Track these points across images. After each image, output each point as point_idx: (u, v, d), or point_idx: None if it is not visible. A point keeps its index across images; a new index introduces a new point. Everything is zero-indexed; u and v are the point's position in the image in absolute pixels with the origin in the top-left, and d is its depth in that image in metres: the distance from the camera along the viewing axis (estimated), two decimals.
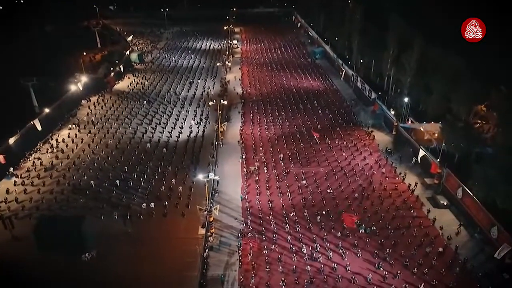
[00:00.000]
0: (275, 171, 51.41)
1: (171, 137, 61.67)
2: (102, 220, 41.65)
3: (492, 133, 55.28)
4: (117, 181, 48.36)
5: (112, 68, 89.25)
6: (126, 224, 41.18)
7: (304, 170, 51.63)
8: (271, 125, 66.13)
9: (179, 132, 63.08)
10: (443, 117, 57.00)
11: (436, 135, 52.97)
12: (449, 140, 48.00)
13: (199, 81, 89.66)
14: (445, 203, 43.42)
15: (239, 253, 36.79)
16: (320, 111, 71.46)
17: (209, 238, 38.27)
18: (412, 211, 42.84)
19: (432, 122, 57.34)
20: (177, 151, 57.09)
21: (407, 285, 32.60)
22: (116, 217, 42.11)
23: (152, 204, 43.78)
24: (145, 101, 76.26)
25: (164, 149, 57.25)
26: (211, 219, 38.86)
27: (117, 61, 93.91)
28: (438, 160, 46.92)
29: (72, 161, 53.76)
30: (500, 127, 47.57)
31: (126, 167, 51.93)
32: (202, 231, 39.86)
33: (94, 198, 45.40)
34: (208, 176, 39.22)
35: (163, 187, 47.55)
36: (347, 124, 66.06)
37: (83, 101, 75.40)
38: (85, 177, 49.69)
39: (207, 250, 36.99)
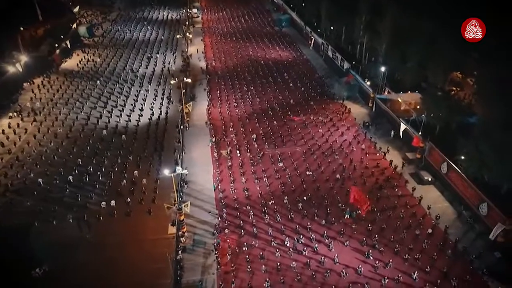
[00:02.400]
0: (248, 154, 47.20)
1: (130, 121, 55.39)
2: (54, 226, 36.22)
3: (468, 100, 53.90)
4: (70, 177, 42.50)
5: (57, 45, 79.09)
6: (82, 228, 35.90)
7: (280, 150, 47.80)
8: (240, 102, 61.22)
9: (139, 115, 56.78)
10: (420, 86, 54.78)
11: (418, 106, 50.37)
12: (429, 110, 45.57)
13: (158, 55, 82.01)
14: (429, 179, 41.43)
15: (216, 253, 32.88)
16: (291, 84, 67.12)
17: (181, 239, 33.94)
18: (396, 189, 40.54)
19: (409, 91, 54.90)
20: (138, 137, 51.21)
21: (400, 275, 30.31)
22: (71, 220, 36.76)
23: (113, 202, 38.66)
24: (98, 81, 68.37)
25: (123, 135, 51.17)
26: (182, 217, 34.40)
27: (62, 36, 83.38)
28: (420, 133, 44.51)
29: (15, 156, 46.77)
30: (479, 95, 45.59)
31: (79, 159, 45.80)
32: (172, 229, 35.46)
33: (43, 199, 39.47)
34: (176, 171, 34.29)
35: (124, 180, 42.23)
36: (321, 97, 62.40)
37: (24, 84, 66.46)
38: (32, 175, 43.24)
39: (180, 252, 32.78)
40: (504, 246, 32.28)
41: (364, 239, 34.00)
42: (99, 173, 43.45)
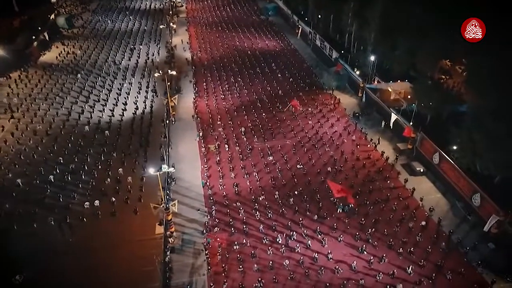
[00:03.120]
0: (237, 148, 45.90)
1: (114, 116, 53.32)
2: (35, 229, 34.44)
3: (458, 88, 53.45)
4: (51, 177, 40.62)
5: (34, 37, 75.82)
6: (65, 230, 34.30)
7: (270, 144, 46.63)
8: (227, 94, 59.61)
9: (122, 109, 54.72)
10: (409, 74, 53.97)
11: (409, 96, 49.54)
12: (420, 100, 44.83)
13: (141, 47, 79.37)
14: (421, 170, 40.85)
15: (206, 253, 31.74)
16: (279, 75, 65.69)
17: (170, 239, 32.65)
18: (388, 181, 39.87)
19: (399, 80, 54.11)
20: (122, 132, 49.37)
21: (395, 270, 29.71)
22: (52, 222, 35.04)
23: (97, 202, 37.06)
24: (78, 74, 65.79)
25: (107, 131, 49.25)
26: (170, 217, 33.04)
27: (40, 28, 79.90)
28: (411, 123, 43.82)
29: None
30: (470, 84, 44.86)
31: (61, 157, 43.87)
32: (160, 229, 34.12)
33: (22, 201, 37.54)
34: (161, 169, 32.79)
35: (108, 179, 40.52)
36: (310, 88, 61.16)
37: (0, 79, 63.51)
38: (10, 175, 41.24)
39: (168, 253, 31.54)
40: (497, 237, 31.94)
41: (358, 233, 33.30)
42: (81, 171, 41.65)
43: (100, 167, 42.54)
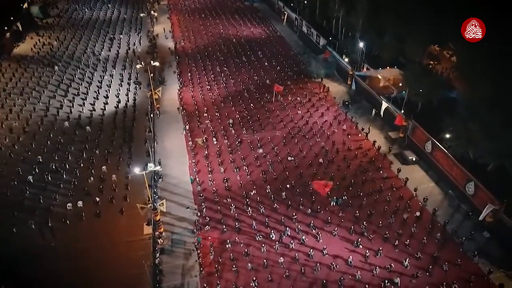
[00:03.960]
0: (226, 141, 44.43)
1: (95, 110, 50.95)
2: (14, 234, 32.50)
3: (447, 74, 52.94)
4: (30, 177, 38.53)
5: (6, 28, 71.60)
6: (46, 234, 32.48)
7: (259, 136, 45.28)
8: (213, 84, 57.67)
9: (104, 103, 52.31)
10: (398, 61, 53.08)
11: (400, 84, 48.66)
12: (411, 87, 44.05)
13: (121, 36, 76.14)
14: (414, 159, 40.30)
15: (197, 253, 30.51)
16: (266, 63, 63.97)
17: (158, 240, 31.25)
18: (381, 171, 39.19)
19: (388, 67, 53.21)
20: (104, 128, 47.21)
21: (392, 263, 29.15)
22: (33, 226, 33.14)
23: (80, 203, 35.32)
24: (56, 67, 62.62)
25: (88, 127, 47.01)
26: (158, 217, 31.57)
27: (12, 18, 75.53)
28: (403, 111, 43.05)
29: None
30: (462, 73, 44.14)
31: (40, 156, 41.66)
32: (148, 229, 32.70)
33: (0, 205, 35.34)
34: (147, 168, 31.10)
35: (91, 177, 38.65)
36: (298, 76, 59.75)
37: None
38: None
39: (157, 254, 30.19)
40: (492, 226, 31.65)
41: (352, 227, 32.57)
42: (62, 170, 39.60)
43: (82, 165, 40.55)
